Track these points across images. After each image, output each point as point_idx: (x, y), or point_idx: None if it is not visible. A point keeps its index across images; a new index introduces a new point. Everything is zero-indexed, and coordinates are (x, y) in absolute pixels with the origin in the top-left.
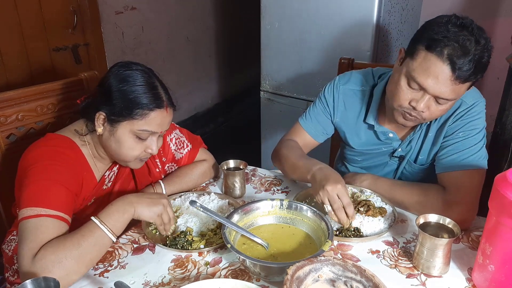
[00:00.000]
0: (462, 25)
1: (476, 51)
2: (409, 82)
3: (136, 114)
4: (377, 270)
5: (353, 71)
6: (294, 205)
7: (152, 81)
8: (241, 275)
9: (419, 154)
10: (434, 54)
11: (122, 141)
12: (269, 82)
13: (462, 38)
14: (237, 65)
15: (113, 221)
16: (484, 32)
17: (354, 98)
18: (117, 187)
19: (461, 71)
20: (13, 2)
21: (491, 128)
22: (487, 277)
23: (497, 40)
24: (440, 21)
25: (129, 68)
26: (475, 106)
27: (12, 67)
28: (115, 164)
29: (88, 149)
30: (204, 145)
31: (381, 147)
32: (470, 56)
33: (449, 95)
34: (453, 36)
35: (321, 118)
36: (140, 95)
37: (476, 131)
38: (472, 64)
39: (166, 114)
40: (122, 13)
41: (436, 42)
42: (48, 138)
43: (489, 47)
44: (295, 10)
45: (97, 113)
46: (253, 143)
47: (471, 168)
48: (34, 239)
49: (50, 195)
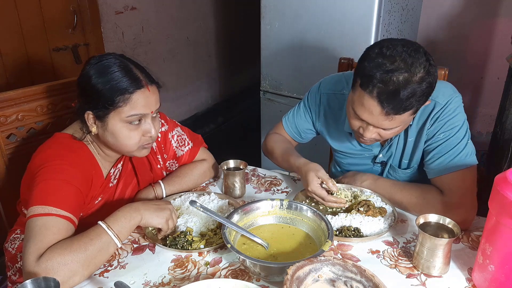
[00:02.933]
0: (392, 56)
1: (407, 86)
2: (353, 112)
3: (119, 101)
4: (377, 270)
5: (340, 73)
6: (294, 205)
7: (124, 65)
8: (241, 275)
9: (401, 159)
10: (365, 92)
11: (116, 132)
12: (269, 82)
13: (390, 76)
14: (237, 65)
15: (119, 227)
16: (420, 55)
17: (335, 102)
18: (121, 184)
19: (391, 109)
20: (13, 2)
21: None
22: (487, 277)
23: (497, 40)
24: (371, 55)
25: (99, 60)
26: (449, 104)
27: (12, 67)
28: (119, 161)
29: (93, 148)
30: (205, 144)
31: (363, 153)
32: (399, 94)
33: (389, 126)
34: (381, 74)
35: (301, 122)
36: (116, 82)
37: (457, 129)
38: (403, 101)
39: (149, 93)
40: (122, 13)
41: (367, 81)
42: (57, 138)
43: (429, 71)
44: (295, 10)
45: (85, 114)
46: (253, 143)
47: (461, 168)
48: (42, 239)
49: (61, 195)
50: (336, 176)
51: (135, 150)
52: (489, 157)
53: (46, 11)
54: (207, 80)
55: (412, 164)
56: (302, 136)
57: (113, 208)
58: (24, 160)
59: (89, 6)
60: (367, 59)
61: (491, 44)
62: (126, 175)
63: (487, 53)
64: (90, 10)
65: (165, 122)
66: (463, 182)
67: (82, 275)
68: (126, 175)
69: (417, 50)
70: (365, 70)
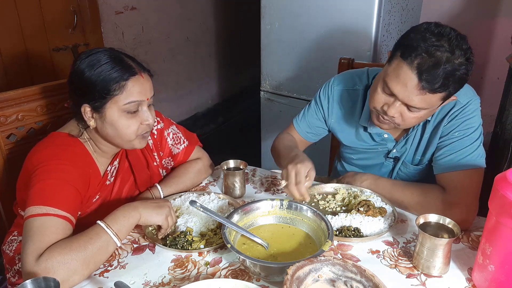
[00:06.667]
0: (441, 33)
1: (448, 64)
2: (384, 86)
3: (115, 90)
4: (377, 270)
5: (350, 70)
6: (294, 205)
7: (115, 55)
8: (241, 275)
9: (415, 155)
10: (405, 62)
11: (115, 122)
12: (269, 82)
13: (435, 49)
14: (237, 65)
15: (118, 226)
16: (464, 42)
17: (348, 98)
18: (118, 182)
19: (427, 83)
20: (13, 2)
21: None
22: (487, 277)
23: (497, 40)
24: (419, 28)
25: (88, 54)
26: (469, 105)
27: (12, 67)
28: (116, 158)
29: (89, 145)
30: (200, 143)
31: (377, 147)
32: (439, 69)
33: (417, 104)
34: (426, 45)
35: (313, 120)
36: (110, 72)
37: (472, 130)
38: (441, 77)
39: (143, 80)
40: (122, 13)
41: (410, 50)
42: (54, 137)
43: (469, 58)
44: (295, 10)
45: (81, 108)
46: (253, 143)
47: (469, 168)
48: (40, 239)
49: (59, 195)
50: (342, 174)
51: (134, 140)
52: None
53: (46, 11)
54: (207, 80)
55: (424, 160)
56: (314, 134)
57: (111, 207)
58: (24, 160)
59: (89, 6)
60: (414, 32)
61: (491, 44)
62: (123, 172)
63: (487, 53)
64: (90, 10)
65: (160, 120)
66: (468, 182)
67: (81, 275)
68: (123, 172)
69: (462, 38)
70: (410, 41)
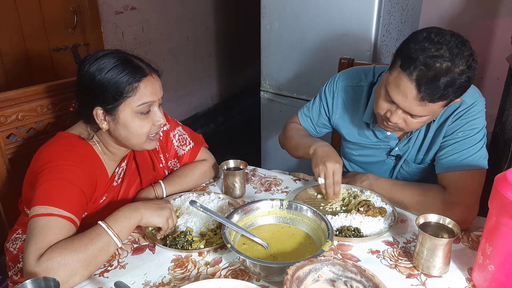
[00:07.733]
0: (440, 42)
1: (448, 75)
2: (385, 94)
3: (128, 91)
4: (377, 270)
5: (357, 66)
6: (294, 205)
7: (124, 57)
8: (241, 275)
9: (418, 154)
10: (405, 73)
11: (128, 124)
12: (269, 82)
13: (434, 60)
14: (237, 65)
15: (119, 227)
16: (466, 49)
17: (352, 94)
18: (125, 184)
19: (427, 94)
20: (13, 2)
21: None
22: (487, 277)
23: (497, 40)
24: (419, 37)
25: (96, 57)
26: (474, 106)
27: (12, 67)
28: (124, 160)
29: (98, 147)
30: (206, 144)
31: (380, 144)
32: (439, 81)
33: (419, 112)
34: (425, 57)
35: (316, 116)
36: (121, 74)
37: (476, 131)
38: (441, 89)
39: (154, 80)
40: (122, 13)
41: (409, 62)
42: (61, 137)
43: (471, 65)
44: (295, 10)
45: (93, 111)
46: (253, 143)
47: (471, 168)
48: (43, 239)
49: (64, 196)
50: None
51: (145, 141)
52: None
53: (46, 11)
54: (207, 80)
55: (427, 159)
56: (316, 130)
57: (117, 208)
58: (24, 160)
59: (89, 6)
60: (413, 41)
61: (491, 44)
62: (130, 174)
63: (487, 53)
64: (90, 10)
65: (166, 121)
66: (470, 182)
67: (82, 275)
68: (130, 174)
69: (464, 43)
70: (409, 52)
